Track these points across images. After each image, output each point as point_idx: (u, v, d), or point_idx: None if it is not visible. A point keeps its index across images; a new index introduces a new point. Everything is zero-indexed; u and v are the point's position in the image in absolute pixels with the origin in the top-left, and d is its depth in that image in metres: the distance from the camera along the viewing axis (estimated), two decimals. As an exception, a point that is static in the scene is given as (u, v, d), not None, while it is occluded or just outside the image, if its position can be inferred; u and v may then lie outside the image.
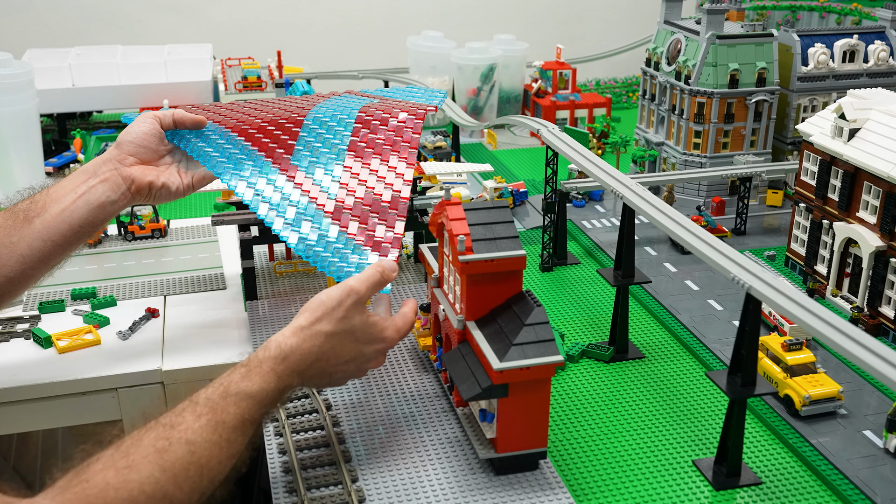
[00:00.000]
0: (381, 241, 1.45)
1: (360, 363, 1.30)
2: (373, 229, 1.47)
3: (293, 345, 1.21)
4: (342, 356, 1.27)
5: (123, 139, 1.53)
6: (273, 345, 1.21)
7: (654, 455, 1.40)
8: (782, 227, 2.24)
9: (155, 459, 1.02)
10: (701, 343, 1.71)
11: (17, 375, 1.60)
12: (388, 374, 1.58)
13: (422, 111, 1.66)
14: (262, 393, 1.15)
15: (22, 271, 1.42)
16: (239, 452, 1.12)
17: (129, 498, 0.98)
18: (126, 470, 1.00)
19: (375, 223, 1.48)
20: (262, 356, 1.19)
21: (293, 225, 1.46)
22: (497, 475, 1.32)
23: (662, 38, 2.50)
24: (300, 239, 1.44)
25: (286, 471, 1.33)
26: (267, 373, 1.17)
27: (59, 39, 3.59)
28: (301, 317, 1.25)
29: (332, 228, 1.46)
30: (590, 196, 2.45)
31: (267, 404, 1.17)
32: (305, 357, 1.21)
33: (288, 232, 1.45)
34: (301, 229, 1.45)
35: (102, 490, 0.97)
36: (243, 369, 1.17)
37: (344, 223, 1.47)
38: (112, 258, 2.07)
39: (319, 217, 1.48)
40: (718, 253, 1.34)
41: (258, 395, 1.15)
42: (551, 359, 1.22)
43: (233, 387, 1.14)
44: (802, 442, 1.42)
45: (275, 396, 1.18)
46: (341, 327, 1.25)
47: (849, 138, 1.77)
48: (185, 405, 1.11)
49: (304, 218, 1.47)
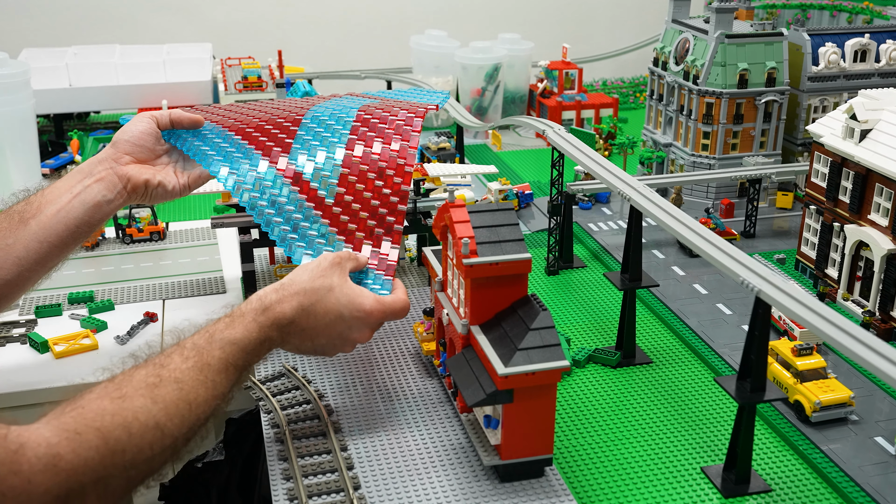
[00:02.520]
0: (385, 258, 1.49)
1: (341, 330, 1.33)
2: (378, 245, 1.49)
3: (273, 298, 1.28)
4: (322, 316, 1.30)
5: (119, 138, 1.53)
6: (255, 298, 1.28)
7: (661, 462, 1.39)
8: (792, 230, 2.24)
9: (147, 392, 1.09)
10: (709, 348, 1.71)
11: (13, 381, 1.59)
12: (391, 379, 1.57)
13: (422, 109, 1.66)
14: (244, 340, 1.22)
15: (18, 274, 1.41)
16: (224, 394, 1.19)
17: (124, 423, 1.03)
18: (120, 400, 1.06)
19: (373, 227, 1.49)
20: (244, 308, 1.26)
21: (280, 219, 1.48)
22: (502, 482, 1.31)
23: (670, 38, 2.49)
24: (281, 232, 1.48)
25: (287, 478, 1.32)
26: (249, 322, 1.24)
27: (55, 39, 3.59)
28: (284, 278, 1.33)
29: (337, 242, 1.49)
30: (596, 198, 2.44)
31: (249, 351, 1.23)
32: (286, 311, 1.27)
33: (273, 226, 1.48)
34: (286, 221, 1.48)
35: (98, 414, 1.02)
36: (227, 319, 1.25)
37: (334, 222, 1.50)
38: (110, 261, 2.06)
39: (318, 220, 1.49)
40: (727, 256, 1.33)
41: (241, 342, 1.22)
42: (557, 364, 1.21)
43: (217, 334, 1.21)
44: (813, 448, 1.41)
45: (257, 345, 1.24)
46: (319, 283, 1.30)
47: (860, 139, 1.77)
48: (173, 349, 1.18)
49: (295, 213, 1.49)
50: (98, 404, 1.04)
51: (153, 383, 1.10)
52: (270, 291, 1.29)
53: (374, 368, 1.60)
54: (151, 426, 1.06)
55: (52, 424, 0.99)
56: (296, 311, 1.28)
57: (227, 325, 1.23)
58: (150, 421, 1.06)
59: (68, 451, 0.97)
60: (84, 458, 0.98)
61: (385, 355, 1.64)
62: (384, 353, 1.65)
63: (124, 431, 1.03)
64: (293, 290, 1.29)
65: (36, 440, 0.96)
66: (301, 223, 1.49)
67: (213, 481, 1.72)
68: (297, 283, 1.30)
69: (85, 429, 1.00)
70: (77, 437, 0.99)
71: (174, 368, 1.14)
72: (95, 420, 1.01)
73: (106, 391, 1.07)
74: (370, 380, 1.57)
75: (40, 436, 0.97)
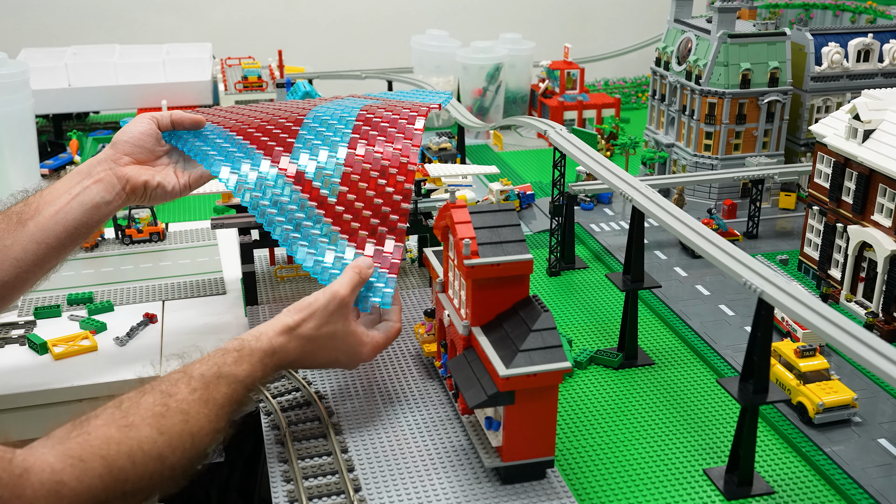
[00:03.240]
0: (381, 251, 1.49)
1: (332, 365, 1.41)
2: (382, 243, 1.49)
3: (280, 343, 1.30)
4: (320, 358, 1.37)
5: (119, 139, 1.52)
6: (265, 339, 1.30)
7: (664, 464, 1.39)
8: (795, 231, 2.23)
9: (153, 423, 1.09)
10: (712, 349, 1.70)
11: (12, 382, 1.59)
12: (392, 381, 1.56)
13: (424, 108, 1.66)
14: (249, 379, 1.25)
15: (17, 275, 1.41)
16: (224, 428, 1.21)
17: (129, 453, 1.05)
18: (126, 429, 1.06)
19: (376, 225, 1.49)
20: (254, 346, 1.28)
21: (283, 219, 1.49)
22: (503, 484, 1.30)
23: (672, 37, 2.49)
24: (284, 231, 1.48)
25: (287, 480, 1.32)
26: (256, 363, 1.27)
27: (55, 38, 3.59)
28: (288, 316, 1.33)
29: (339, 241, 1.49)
30: (598, 199, 2.44)
31: (252, 389, 1.27)
32: (289, 355, 1.32)
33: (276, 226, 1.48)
34: (288, 221, 1.49)
35: (104, 443, 1.03)
36: (235, 354, 1.26)
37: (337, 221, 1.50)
38: (109, 262, 2.06)
39: (320, 219, 1.49)
40: (730, 257, 1.33)
41: (246, 381, 1.25)
42: (559, 365, 1.21)
43: (225, 369, 1.23)
44: (816, 450, 1.41)
45: (259, 383, 1.29)
46: (325, 331, 1.34)
47: (863, 140, 1.76)
48: (179, 377, 1.19)
49: (297, 212, 1.49)
50: (104, 432, 1.05)
51: (160, 413, 1.11)
52: (278, 334, 1.31)
53: (375, 370, 1.59)
54: (154, 456, 1.07)
55: (56, 450, 1.00)
56: (297, 354, 1.33)
57: (236, 361, 1.25)
58: (154, 451, 1.07)
59: (72, 479, 0.98)
60: (87, 486, 0.99)
61: (386, 356, 1.64)
62: (385, 354, 1.65)
63: (128, 461, 1.04)
64: (298, 333, 1.32)
65: (41, 466, 0.97)
66: (304, 222, 1.49)
67: (213, 483, 1.71)
68: (303, 328, 1.32)
69: (90, 456, 1.01)
70: (81, 464, 1.00)
71: (181, 399, 1.15)
72: (101, 448, 1.02)
73: (113, 418, 1.07)
74: (371, 381, 1.56)
75: (45, 461, 0.98)
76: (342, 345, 1.37)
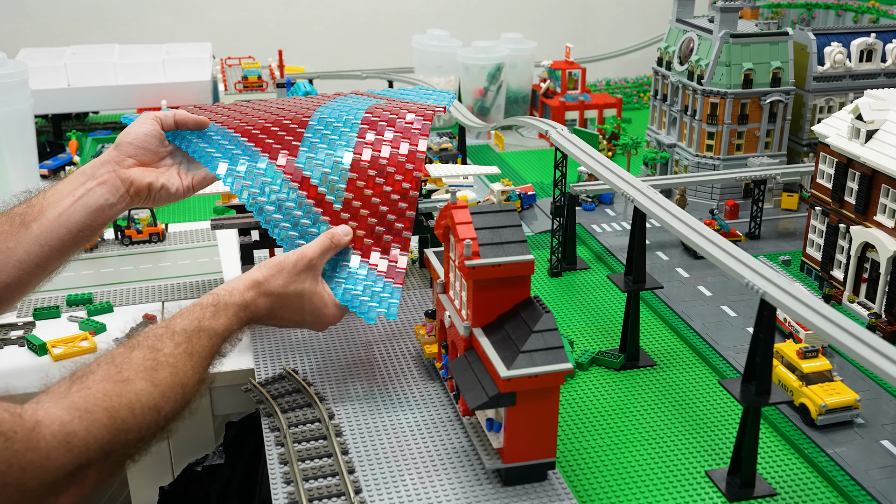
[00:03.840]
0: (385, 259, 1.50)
1: (299, 325, 1.48)
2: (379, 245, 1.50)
3: (250, 297, 1.37)
4: (286, 317, 1.44)
5: (122, 140, 1.51)
6: (237, 294, 1.37)
7: (665, 465, 1.39)
8: (798, 231, 2.23)
9: (146, 376, 1.15)
10: (714, 350, 1.70)
11: (10, 384, 1.58)
12: (393, 382, 1.56)
13: (430, 112, 1.65)
14: (227, 331, 1.33)
15: (19, 277, 1.40)
16: (207, 379, 1.28)
17: (129, 404, 1.10)
18: (123, 383, 1.12)
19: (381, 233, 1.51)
20: (228, 301, 1.35)
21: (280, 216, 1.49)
22: (504, 486, 1.30)
23: (674, 37, 2.48)
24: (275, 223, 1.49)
25: (287, 481, 1.32)
26: (231, 316, 1.34)
27: (54, 38, 3.58)
28: (258, 270, 1.41)
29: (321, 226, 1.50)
30: (600, 199, 2.43)
31: (229, 340, 1.34)
32: (259, 310, 1.39)
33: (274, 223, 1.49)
34: (286, 219, 1.50)
35: (106, 395, 1.09)
36: (212, 308, 1.33)
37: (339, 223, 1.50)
38: (109, 263, 2.05)
39: (318, 219, 1.49)
40: (732, 258, 1.33)
41: (224, 333, 1.32)
42: (560, 366, 1.21)
43: (205, 322, 1.30)
44: (818, 452, 1.41)
45: (235, 335, 1.36)
46: (291, 290, 1.41)
47: (866, 140, 1.76)
48: (163, 332, 1.25)
49: (295, 210, 1.50)
50: (103, 386, 1.10)
51: (151, 366, 1.17)
52: (247, 288, 1.38)
53: (376, 371, 1.59)
54: (151, 407, 1.13)
55: (61, 404, 1.05)
56: (265, 310, 1.40)
57: (213, 315, 1.31)
58: (151, 402, 1.13)
59: (81, 429, 1.03)
60: (94, 436, 1.04)
61: (386, 358, 1.63)
62: (385, 355, 1.64)
63: (129, 412, 1.10)
64: (266, 289, 1.39)
65: (50, 418, 1.01)
66: (302, 220, 1.49)
67: (213, 485, 1.71)
68: (270, 284, 1.40)
69: (95, 408, 1.06)
70: (88, 415, 1.05)
71: (168, 353, 1.21)
72: (104, 400, 1.08)
73: (109, 373, 1.12)
74: (371, 383, 1.56)
75: (53, 414, 1.02)
76: (308, 304, 1.43)
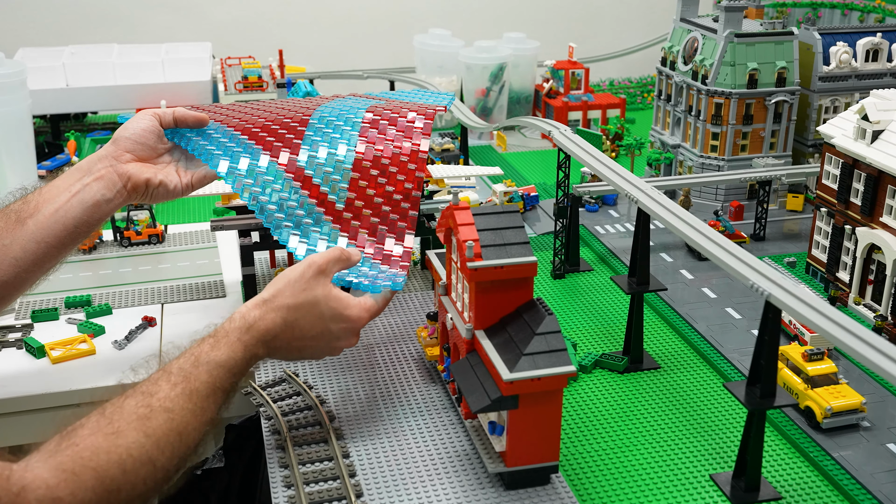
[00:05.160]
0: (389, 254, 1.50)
1: (328, 340, 1.34)
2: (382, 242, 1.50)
3: (256, 316, 1.27)
4: (307, 330, 1.31)
5: (120, 135, 1.50)
6: (237, 316, 1.27)
7: (669, 469, 1.38)
8: (803, 233, 2.22)
9: (138, 426, 1.09)
10: (718, 353, 1.69)
11: (8, 387, 1.58)
12: (394, 385, 1.56)
13: (431, 111, 1.65)
14: (230, 361, 1.22)
15: (15, 275, 1.39)
16: (212, 419, 1.19)
17: (119, 461, 1.05)
18: (113, 436, 1.06)
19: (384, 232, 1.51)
20: (227, 327, 1.25)
21: (283, 215, 1.49)
22: (507, 490, 1.30)
23: (678, 37, 2.48)
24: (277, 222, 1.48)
25: (288, 485, 1.31)
26: (234, 342, 1.24)
27: (52, 38, 3.58)
28: (265, 291, 1.31)
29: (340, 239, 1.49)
30: (603, 200, 2.43)
31: (236, 372, 1.23)
32: (270, 328, 1.27)
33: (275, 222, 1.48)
34: (288, 217, 1.49)
35: (94, 453, 1.03)
36: (211, 340, 1.24)
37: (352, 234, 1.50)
38: (107, 265, 2.05)
39: (320, 218, 1.49)
40: (737, 259, 1.33)
41: (227, 364, 1.21)
42: (563, 369, 1.20)
43: (203, 356, 1.21)
44: (824, 455, 1.40)
45: (242, 365, 1.24)
46: (303, 298, 1.30)
47: (872, 140, 1.75)
48: (159, 375, 1.17)
49: (298, 209, 1.49)
50: (92, 441, 1.05)
51: (144, 415, 1.10)
52: (252, 307, 1.28)
53: (377, 374, 1.58)
54: (144, 461, 1.08)
55: (49, 464, 1.01)
56: (280, 326, 1.28)
57: (212, 346, 1.23)
58: (144, 456, 1.08)
59: (67, 494, 0.99)
60: (81, 499, 1.00)
61: (388, 360, 1.63)
62: (387, 357, 1.64)
63: (119, 469, 1.05)
64: (276, 304, 1.28)
65: (36, 483, 0.98)
66: (304, 220, 1.49)
67: (213, 489, 1.70)
68: (279, 298, 1.29)
69: (82, 469, 1.02)
70: (74, 477, 1.01)
71: (163, 397, 1.14)
72: (91, 459, 1.03)
73: (98, 426, 1.07)
74: (373, 385, 1.56)
75: (39, 477, 0.99)
76: (326, 310, 1.31)
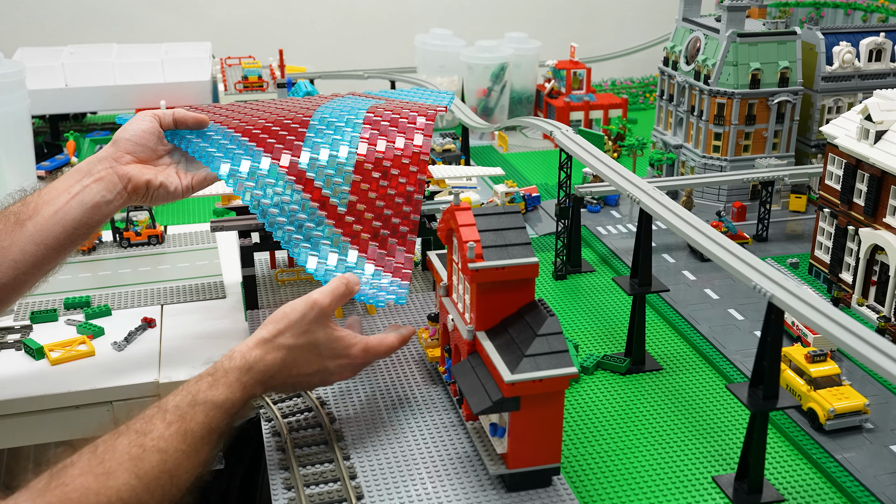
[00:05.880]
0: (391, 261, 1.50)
1: (324, 376, 1.35)
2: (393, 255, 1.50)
3: (256, 356, 1.26)
4: (304, 368, 1.31)
5: (120, 136, 1.50)
6: (237, 355, 1.25)
7: (672, 471, 1.38)
8: (806, 234, 2.22)
9: (130, 467, 1.07)
10: (721, 354, 1.69)
11: (7, 388, 1.57)
12: (395, 387, 1.55)
13: (432, 112, 1.65)
14: (227, 402, 1.20)
15: (15, 277, 1.39)
16: (206, 461, 1.17)
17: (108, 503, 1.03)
18: (103, 476, 1.05)
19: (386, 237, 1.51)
20: (227, 366, 1.24)
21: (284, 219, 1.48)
22: (508, 492, 1.29)
23: (681, 37, 2.47)
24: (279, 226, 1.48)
25: (288, 487, 1.31)
26: (232, 383, 1.22)
27: (51, 37, 3.58)
28: (264, 328, 1.29)
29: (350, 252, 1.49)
30: (605, 201, 2.43)
31: (233, 413, 1.22)
32: (268, 368, 1.26)
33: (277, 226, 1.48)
34: (290, 222, 1.48)
35: (83, 494, 1.02)
36: (209, 378, 1.22)
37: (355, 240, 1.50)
38: (107, 266, 2.05)
39: (322, 221, 1.49)
40: (739, 260, 1.32)
41: (224, 405, 1.20)
42: (565, 371, 1.20)
43: (200, 395, 1.19)
44: (827, 457, 1.40)
45: (240, 405, 1.23)
46: (304, 340, 1.29)
47: (875, 140, 1.75)
48: (154, 412, 1.16)
49: (300, 213, 1.49)
50: (82, 482, 1.03)
51: (136, 455, 1.09)
52: (253, 346, 1.27)
53: (378, 375, 1.58)
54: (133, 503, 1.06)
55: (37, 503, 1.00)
56: (279, 366, 1.28)
57: (210, 385, 1.21)
58: (133, 499, 1.06)
59: None
60: None
61: (388, 362, 1.63)
62: (387, 359, 1.63)
63: None
64: (276, 344, 1.28)
65: None
66: (306, 223, 1.48)
67: (213, 490, 1.70)
68: (280, 338, 1.28)
69: None
70: None
71: (157, 437, 1.12)
72: (80, 501, 1.02)
73: (90, 466, 1.06)
74: (373, 387, 1.55)
75: None
76: (326, 351, 1.32)
